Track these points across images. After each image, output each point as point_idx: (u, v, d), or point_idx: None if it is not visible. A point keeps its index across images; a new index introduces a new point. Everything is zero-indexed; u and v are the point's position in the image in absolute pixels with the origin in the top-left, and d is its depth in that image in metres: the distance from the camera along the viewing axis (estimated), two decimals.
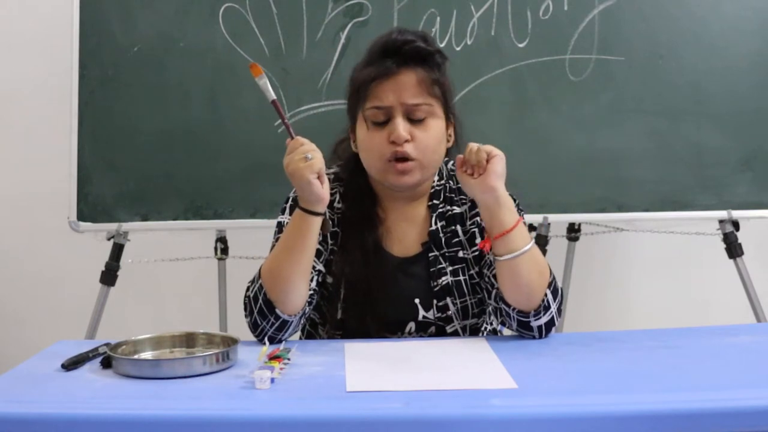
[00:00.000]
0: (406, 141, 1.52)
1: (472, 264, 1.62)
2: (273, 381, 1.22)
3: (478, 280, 1.61)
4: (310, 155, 1.43)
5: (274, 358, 1.29)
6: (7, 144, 2.98)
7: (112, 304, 2.55)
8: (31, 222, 2.99)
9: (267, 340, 1.46)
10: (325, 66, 2.45)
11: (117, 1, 2.47)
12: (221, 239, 2.61)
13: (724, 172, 2.47)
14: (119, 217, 2.48)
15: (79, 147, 2.46)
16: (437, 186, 1.65)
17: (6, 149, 2.98)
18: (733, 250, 2.51)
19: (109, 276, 2.53)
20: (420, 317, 1.60)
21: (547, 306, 1.48)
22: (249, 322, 1.51)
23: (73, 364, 1.32)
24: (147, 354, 1.38)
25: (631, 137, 2.46)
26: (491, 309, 1.61)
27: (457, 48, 2.46)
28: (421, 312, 1.60)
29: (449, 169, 1.68)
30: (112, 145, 2.48)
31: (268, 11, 2.46)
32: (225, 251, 2.62)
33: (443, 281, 1.60)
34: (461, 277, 1.61)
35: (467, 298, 1.61)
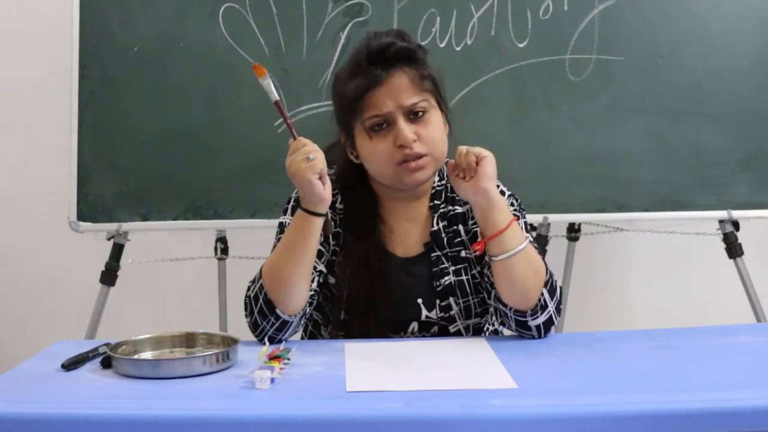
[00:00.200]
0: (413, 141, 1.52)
1: (474, 264, 1.62)
2: (273, 381, 1.22)
3: (480, 279, 1.61)
4: (311, 156, 1.43)
5: (274, 358, 1.29)
6: (7, 144, 2.98)
7: (112, 304, 2.55)
8: (31, 222, 2.98)
9: (267, 340, 1.46)
10: (325, 66, 2.45)
11: (117, 1, 2.47)
12: (221, 239, 2.61)
13: (724, 172, 2.47)
14: (119, 217, 2.48)
15: (79, 147, 2.46)
16: (438, 186, 1.65)
17: (6, 149, 2.98)
18: (733, 250, 2.51)
19: (109, 276, 2.53)
20: (423, 317, 1.60)
21: (544, 305, 1.48)
22: (249, 322, 1.51)
23: (73, 364, 1.32)
24: (147, 354, 1.38)
25: (631, 137, 2.46)
26: (492, 309, 1.61)
27: (457, 48, 2.46)
28: (424, 312, 1.60)
29: None
30: (112, 145, 2.48)
31: (268, 11, 2.46)
32: (225, 251, 2.62)
33: (446, 281, 1.60)
34: (464, 277, 1.61)
35: (470, 297, 1.61)
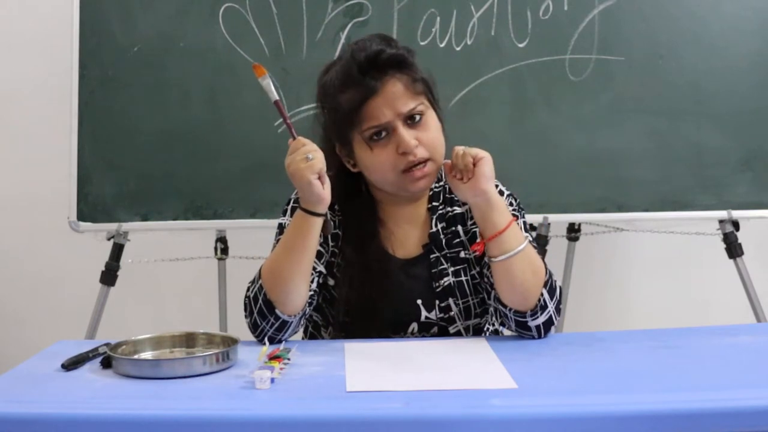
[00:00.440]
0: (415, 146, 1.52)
1: (473, 264, 1.62)
2: (273, 381, 1.22)
3: (479, 280, 1.61)
4: (311, 155, 1.43)
5: (274, 358, 1.29)
6: (7, 144, 2.97)
7: (112, 304, 2.55)
8: (31, 222, 2.98)
9: (267, 340, 1.46)
10: None
11: (117, 1, 2.47)
12: (221, 239, 2.61)
13: (724, 172, 2.47)
14: (119, 217, 2.48)
15: (79, 147, 2.45)
16: (436, 188, 1.65)
17: (6, 149, 2.98)
18: (733, 250, 2.51)
19: (109, 276, 2.53)
20: (423, 318, 1.60)
21: (544, 305, 1.48)
22: (249, 322, 1.51)
23: (73, 364, 1.32)
24: (147, 354, 1.38)
25: (631, 137, 2.46)
26: (492, 310, 1.61)
27: (457, 48, 2.46)
28: (424, 313, 1.60)
29: None
30: (112, 145, 2.48)
31: (268, 11, 2.45)
32: (225, 251, 2.62)
33: (445, 282, 1.60)
34: (463, 278, 1.61)
35: (469, 298, 1.61)
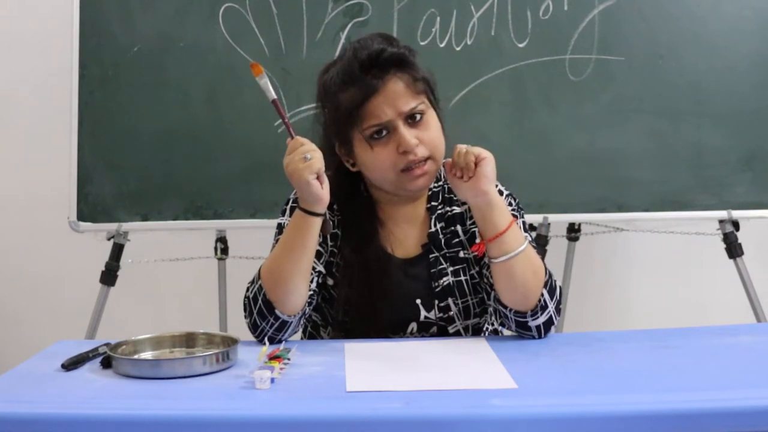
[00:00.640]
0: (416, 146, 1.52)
1: (473, 264, 1.62)
2: (273, 381, 1.22)
3: (479, 279, 1.61)
4: (309, 155, 1.42)
5: (274, 358, 1.29)
6: (7, 144, 2.98)
7: (112, 304, 2.55)
8: (31, 222, 2.98)
9: (267, 340, 1.46)
10: None
11: (117, 1, 2.47)
12: (221, 239, 2.61)
13: (724, 172, 2.47)
14: (119, 217, 2.48)
15: (79, 147, 2.46)
16: (435, 188, 1.65)
17: (6, 149, 2.98)
18: (733, 250, 2.51)
19: (109, 276, 2.53)
20: (422, 318, 1.59)
21: (544, 305, 1.48)
22: (249, 322, 1.51)
23: (73, 364, 1.32)
24: (147, 354, 1.38)
25: (631, 137, 2.46)
26: (491, 310, 1.61)
27: (457, 48, 2.46)
28: (423, 312, 1.59)
29: None
30: (112, 145, 2.48)
31: (268, 11, 2.45)
32: (225, 251, 2.62)
33: (444, 282, 1.60)
34: (462, 278, 1.61)
35: (468, 298, 1.61)
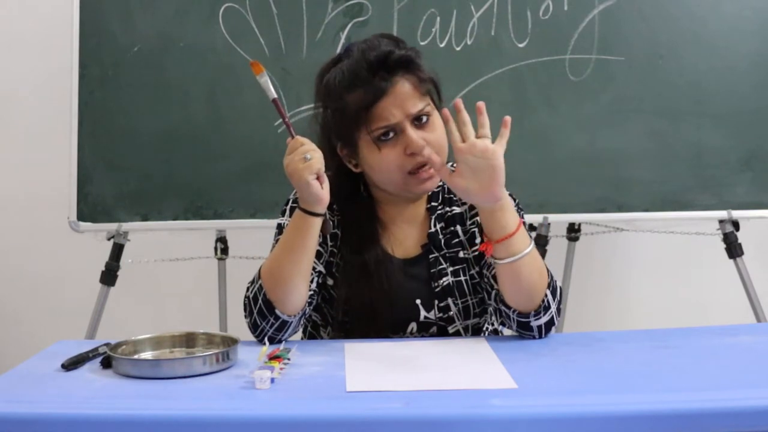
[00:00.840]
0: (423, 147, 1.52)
1: (472, 264, 1.62)
2: (273, 381, 1.21)
3: (479, 279, 1.61)
4: (309, 155, 1.42)
5: (274, 358, 1.29)
6: (7, 144, 2.98)
7: (112, 304, 2.55)
8: (31, 222, 2.98)
9: (267, 340, 1.46)
10: None
11: (117, 1, 2.47)
12: (221, 239, 2.61)
13: (724, 172, 2.47)
14: (119, 217, 2.48)
15: (79, 147, 2.46)
16: (435, 188, 1.64)
17: (6, 149, 2.98)
18: (733, 250, 2.51)
19: (109, 276, 2.53)
20: (422, 318, 1.59)
21: (547, 306, 1.48)
22: (249, 322, 1.51)
23: (73, 364, 1.32)
24: (147, 354, 1.38)
25: (631, 137, 2.46)
26: (491, 309, 1.61)
27: (457, 48, 2.46)
28: (423, 313, 1.59)
29: None
30: (112, 145, 2.48)
31: (268, 11, 2.46)
32: (225, 251, 2.62)
33: (444, 282, 1.60)
34: (462, 278, 1.61)
35: (468, 298, 1.60)
